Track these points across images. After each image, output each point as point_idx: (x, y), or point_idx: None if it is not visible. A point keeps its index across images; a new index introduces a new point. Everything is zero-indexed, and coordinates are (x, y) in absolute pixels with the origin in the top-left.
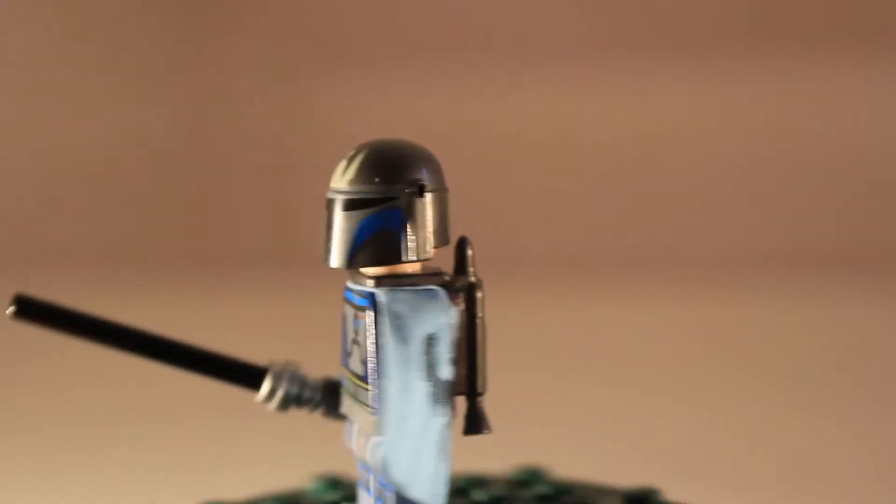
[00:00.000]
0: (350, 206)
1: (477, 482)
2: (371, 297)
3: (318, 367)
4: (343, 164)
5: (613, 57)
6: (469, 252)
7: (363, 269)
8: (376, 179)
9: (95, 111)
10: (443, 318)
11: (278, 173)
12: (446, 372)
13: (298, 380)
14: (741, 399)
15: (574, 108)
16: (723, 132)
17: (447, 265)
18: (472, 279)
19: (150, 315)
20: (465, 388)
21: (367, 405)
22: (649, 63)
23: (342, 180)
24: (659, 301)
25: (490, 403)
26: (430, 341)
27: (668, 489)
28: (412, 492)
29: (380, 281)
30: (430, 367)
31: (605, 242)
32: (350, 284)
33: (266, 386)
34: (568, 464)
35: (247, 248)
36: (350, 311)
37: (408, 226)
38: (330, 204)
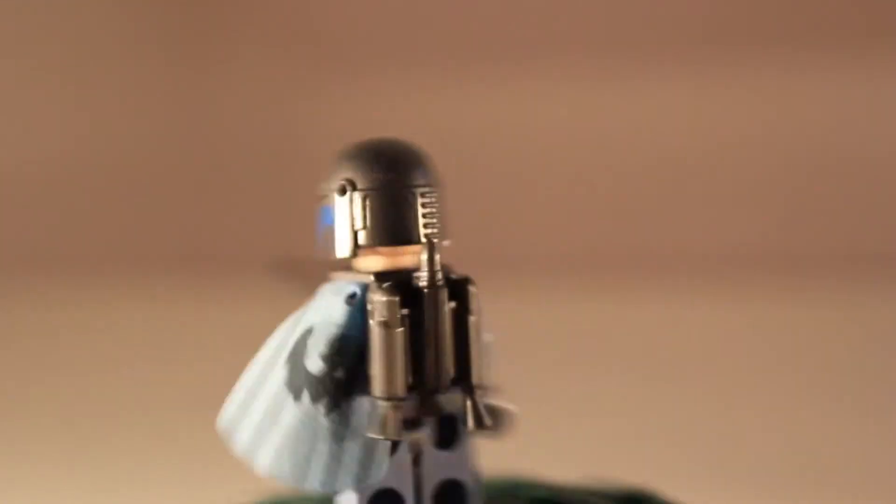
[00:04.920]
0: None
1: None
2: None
3: None
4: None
5: (614, 57)
6: (430, 255)
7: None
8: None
9: (93, 109)
10: (326, 314)
11: (278, 173)
12: (312, 364)
13: None
14: (742, 398)
15: (575, 107)
16: (724, 132)
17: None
18: (423, 282)
19: (149, 316)
20: (463, 385)
21: None
22: (650, 63)
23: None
24: (660, 301)
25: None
26: (307, 332)
27: (667, 488)
28: (255, 462)
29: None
30: (298, 356)
31: (607, 242)
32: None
33: None
34: (567, 463)
35: (247, 249)
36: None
37: (336, 223)
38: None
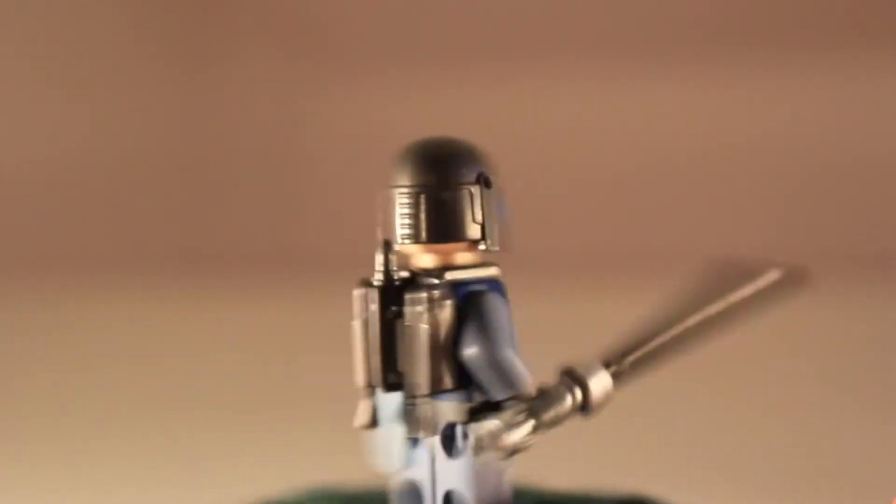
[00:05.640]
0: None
1: None
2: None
3: (321, 372)
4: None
5: (614, 57)
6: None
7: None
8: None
9: (93, 109)
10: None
11: (279, 173)
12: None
13: None
14: (742, 398)
15: (575, 107)
16: (725, 132)
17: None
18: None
19: (149, 316)
20: None
21: None
22: (650, 63)
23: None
24: (660, 301)
25: None
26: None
27: (666, 488)
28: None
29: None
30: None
31: (607, 242)
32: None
33: None
34: (569, 464)
35: (248, 249)
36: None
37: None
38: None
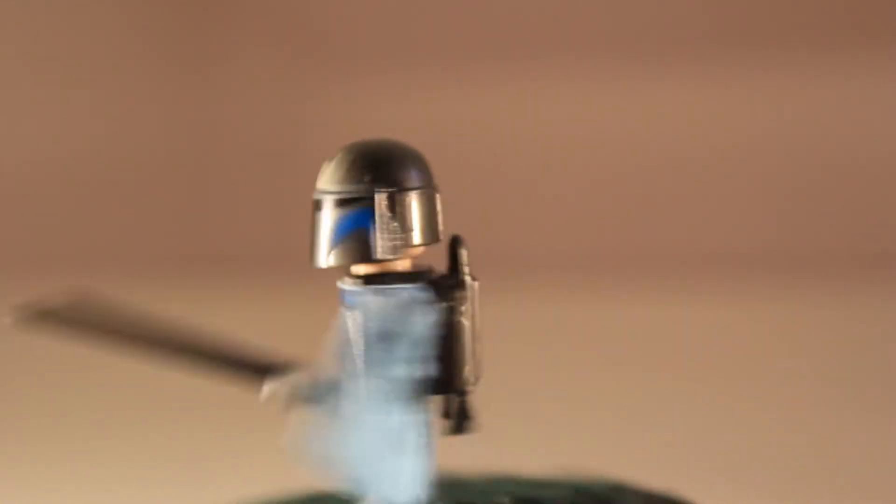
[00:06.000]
0: (336, 204)
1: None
2: (355, 297)
3: None
4: (329, 164)
5: (614, 57)
6: (461, 251)
7: (352, 269)
8: (363, 178)
9: (92, 109)
10: (415, 318)
11: (279, 173)
12: (409, 370)
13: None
14: (743, 398)
15: (575, 107)
16: (725, 132)
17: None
18: (464, 278)
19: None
20: (448, 387)
21: None
22: (650, 63)
23: (327, 181)
24: (661, 300)
25: (496, 405)
26: (396, 339)
27: (669, 487)
28: (370, 488)
29: (367, 280)
30: (395, 365)
31: (607, 242)
32: (342, 285)
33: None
34: (571, 463)
35: (247, 250)
36: (344, 312)
37: (378, 224)
38: (316, 204)
